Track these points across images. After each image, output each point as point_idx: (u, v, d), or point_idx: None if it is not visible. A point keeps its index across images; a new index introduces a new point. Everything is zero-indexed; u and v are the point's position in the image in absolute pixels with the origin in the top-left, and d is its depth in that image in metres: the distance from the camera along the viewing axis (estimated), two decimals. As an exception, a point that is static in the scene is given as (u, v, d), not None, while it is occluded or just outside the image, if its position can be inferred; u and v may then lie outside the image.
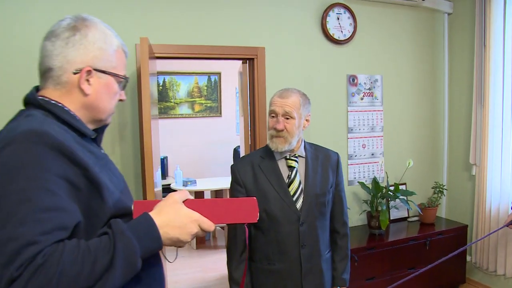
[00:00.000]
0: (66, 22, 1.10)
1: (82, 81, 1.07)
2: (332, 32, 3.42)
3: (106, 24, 1.16)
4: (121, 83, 1.17)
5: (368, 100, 3.64)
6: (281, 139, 1.88)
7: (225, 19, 3.10)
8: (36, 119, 0.99)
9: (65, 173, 0.92)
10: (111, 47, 1.12)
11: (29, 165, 0.88)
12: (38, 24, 2.60)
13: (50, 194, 0.87)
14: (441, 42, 3.91)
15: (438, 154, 3.99)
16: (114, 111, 1.18)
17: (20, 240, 0.81)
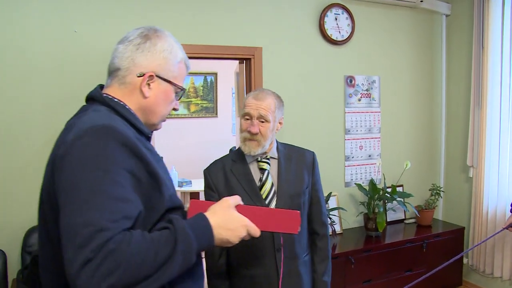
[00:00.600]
0: (140, 31, 1.22)
1: (143, 84, 1.18)
2: (330, 33, 3.39)
3: (175, 38, 1.27)
4: (177, 93, 1.27)
5: (366, 101, 3.62)
6: (255, 143, 1.84)
7: (222, 19, 3.06)
8: (104, 115, 1.09)
9: (130, 166, 1.01)
10: (175, 59, 1.23)
11: (101, 157, 0.98)
12: (34, 23, 2.56)
13: (119, 186, 0.97)
14: (439, 43, 3.89)
15: (436, 156, 3.97)
16: (165, 118, 1.28)
17: (94, 226, 0.90)
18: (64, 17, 2.63)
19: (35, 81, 2.58)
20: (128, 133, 1.05)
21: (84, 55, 2.67)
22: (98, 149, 0.99)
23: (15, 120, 2.55)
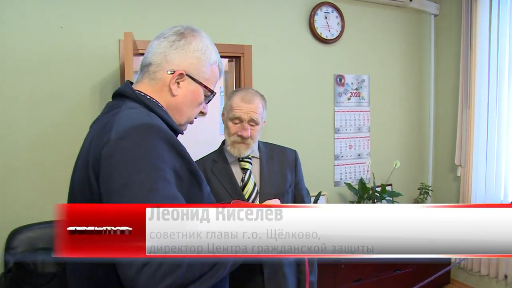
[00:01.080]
0: (177, 29, 1.20)
1: (172, 82, 1.16)
2: (320, 31, 3.38)
3: (211, 40, 1.24)
4: (207, 97, 1.24)
5: (355, 100, 3.61)
6: (245, 146, 1.81)
7: (212, 16, 3.02)
8: (141, 113, 1.09)
9: (174, 164, 1.03)
10: (209, 60, 1.20)
11: (150, 156, 0.99)
12: (18, 19, 2.49)
13: (168, 184, 0.99)
14: (428, 43, 3.90)
15: (424, 155, 3.98)
16: (192, 121, 1.26)
17: None
18: (50, 13, 2.56)
19: (20, 78, 2.52)
20: (169, 131, 1.07)
21: (70, 52, 2.61)
22: (146, 149, 1.00)
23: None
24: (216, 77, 1.25)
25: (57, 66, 2.59)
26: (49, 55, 2.57)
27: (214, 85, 1.26)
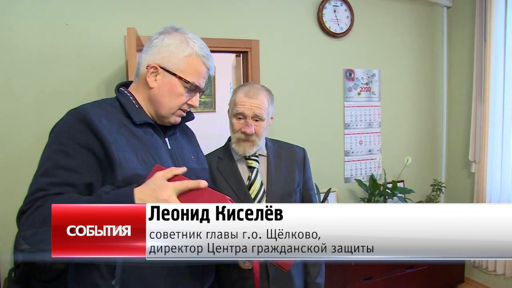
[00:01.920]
0: (160, 30, 1.33)
1: (148, 75, 1.28)
2: (329, 25, 3.31)
3: (197, 37, 1.33)
4: (186, 88, 1.30)
5: (366, 95, 3.55)
6: (250, 143, 1.75)
7: (218, 11, 2.98)
8: (95, 102, 1.28)
9: (86, 142, 1.14)
10: (182, 53, 1.28)
11: (61, 133, 1.16)
12: (24, 16, 2.48)
13: (68, 157, 1.12)
14: (440, 36, 3.81)
15: (437, 151, 3.90)
16: (178, 112, 1.33)
17: (36, 186, 1.11)
18: (56, 10, 2.55)
19: (26, 75, 2.51)
20: (98, 116, 1.18)
21: (76, 48, 2.60)
22: (61, 127, 1.18)
23: (5, 115, 2.47)
24: (195, 68, 1.30)
25: (64, 62, 2.57)
26: (55, 51, 2.56)
27: (195, 77, 1.30)
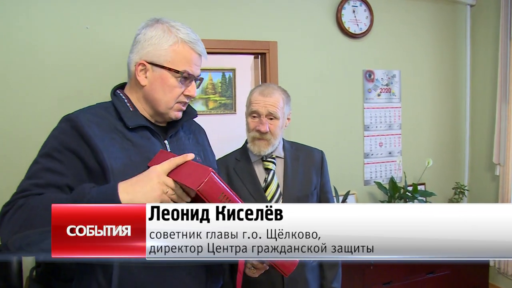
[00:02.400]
0: (142, 24, 1.29)
1: (137, 73, 1.23)
2: (348, 26, 3.28)
3: (179, 23, 1.27)
4: (179, 78, 1.24)
5: (386, 97, 3.49)
6: (265, 142, 1.75)
7: (236, 13, 2.99)
8: (88, 107, 1.26)
9: (76, 149, 1.13)
10: (166, 43, 1.22)
11: (52, 138, 1.17)
12: (45, 21, 2.54)
13: (53, 160, 1.12)
14: (463, 35, 3.71)
15: (460, 153, 3.80)
16: (177, 106, 1.27)
17: (20, 187, 1.12)
18: (76, 14, 2.60)
19: (48, 79, 2.57)
20: (87, 122, 1.16)
21: (96, 52, 2.65)
22: (52, 133, 1.19)
23: (29, 119, 2.54)
24: (184, 56, 1.24)
25: (84, 65, 2.62)
26: (76, 54, 2.61)
27: (185, 64, 1.24)
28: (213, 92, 6.16)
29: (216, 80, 6.16)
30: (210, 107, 6.14)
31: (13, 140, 2.51)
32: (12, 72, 2.50)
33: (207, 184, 1.04)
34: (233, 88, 6.22)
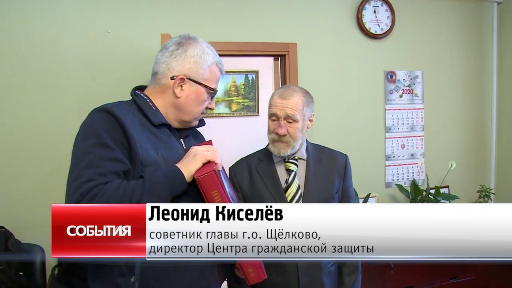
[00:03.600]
0: (176, 39, 1.40)
1: (175, 86, 1.37)
2: (369, 26, 3.24)
3: (208, 44, 1.43)
4: (210, 94, 1.42)
5: (408, 98, 3.43)
6: (284, 144, 1.76)
7: (255, 14, 3.00)
8: (114, 103, 1.33)
9: (120, 137, 1.21)
10: (206, 63, 1.38)
11: (94, 128, 1.22)
12: (67, 26, 2.62)
13: (108, 148, 1.19)
14: (489, 34, 3.60)
15: (485, 155, 3.69)
16: (199, 116, 1.45)
17: (84, 178, 1.14)
18: (98, 19, 2.67)
19: (70, 83, 2.64)
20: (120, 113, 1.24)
21: (117, 56, 2.71)
22: (92, 122, 1.24)
23: (51, 121, 2.62)
24: (216, 75, 1.42)
25: (105, 68, 2.69)
26: (98, 57, 2.68)
27: (216, 83, 1.43)
28: (236, 94, 6.19)
29: (239, 82, 6.18)
30: (233, 109, 6.17)
31: (32, 143, 2.60)
32: (33, 75, 2.58)
33: (206, 177, 1.17)
34: (255, 90, 6.24)
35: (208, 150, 1.28)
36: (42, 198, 2.61)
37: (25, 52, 2.56)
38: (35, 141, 2.60)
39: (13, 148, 2.57)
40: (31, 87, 2.58)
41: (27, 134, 2.58)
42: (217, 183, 1.17)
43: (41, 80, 2.59)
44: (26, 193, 2.61)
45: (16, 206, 2.58)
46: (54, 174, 2.63)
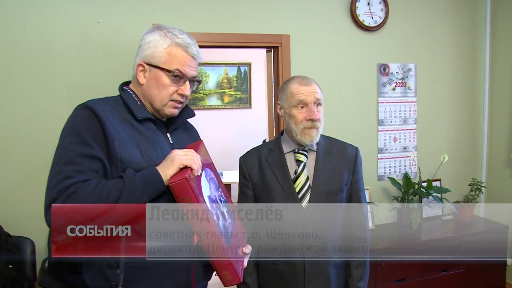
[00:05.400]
0: (145, 30, 1.44)
1: (137, 73, 1.40)
2: (362, 19, 3.22)
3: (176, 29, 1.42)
4: (173, 77, 1.39)
5: (401, 91, 3.43)
6: (315, 130, 1.75)
7: (248, 6, 2.96)
8: (99, 99, 1.37)
9: (99, 134, 1.23)
10: (162, 46, 1.38)
11: (76, 125, 1.24)
12: (57, 15, 2.56)
13: (87, 146, 1.21)
14: (482, 27, 3.61)
15: (477, 149, 3.71)
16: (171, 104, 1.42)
17: (62, 174, 1.16)
18: (88, 9, 2.62)
19: (60, 73, 2.59)
20: (101, 111, 1.26)
21: (108, 46, 2.66)
22: (74, 120, 1.27)
23: (41, 113, 2.57)
24: (175, 57, 1.39)
25: (96, 59, 2.64)
26: (88, 49, 2.63)
27: (178, 65, 1.39)
28: (228, 86, 6.16)
29: (232, 75, 6.15)
30: (225, 102, 6.14)
31: (22, 134, 2.56)
32: (23, 66, 2.53)
33: (177, 184, 1.16)
34: (248, 82, 6.21)
35: (186, 155, 1.27)
36: (32, 191, 2.58)
37: (15, 42, 2.51)
38: (25, 132, 2.55)
39: (2, 140, 2.52)
40: (21, 78, 2.53)
41: (16, 126, 2.54)
42: (189, 190, 1.16)
43: (31, 70, 2.54)
44: (16, 185, 2.57)
45: (6, 198, 2.54)
46: (44, 166, 2.56)
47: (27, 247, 2.52)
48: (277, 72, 3.15)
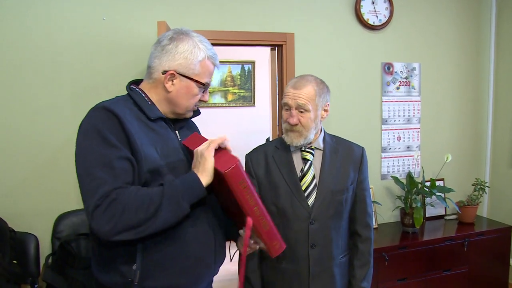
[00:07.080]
0: (169, 34, 1.42)
1: (166, 81, 1.39)
2: (367, 17, 3.22)
3: (203, 38, 1.44)
4: (201, 88, 1.44)
5: (405, 90, 3.42)
6: (296, 134, 1.75)
7: (252, 4, 2.96)
8: (112, 100, 1.35)
9: (122, 136, 1.23)
10: (197, 58, 1.39)
11: (98, 127, 1.22)
12: (62, 12, 2.57)
13: (114, 147, 1.20)
14: (487, 26, 3.59)
15: (481, 148, 3.70)
16: (193, 108, 1.48)
17: (99, 180, 1.16)
18: (93, 6, 2.63)
19: (64, 70, 2.61)
20: (119, 111, 1.25)
21: (112, 43, 2.67)
22: (94, 121, 1.25)
23: (45, 109, 2.59)
24: (208, 70, 1.43)
25: (100, 56, 2.65)
26: (93, 46, 2.64)
27: (208, 77, 1.44)
28: (232, 84, 6.15)
29: (235, 73, 6.15)
30: (229, 100, 6.14)
31: (26, 131, 2.57)
32: (27, 63, 2.54)
33: (232, 170, 1.20)
34: (252, 80, 6.21)
35: (209, 145, 1.30)
36: (36, 187, 2.60)
37: (20, 40, 2.52)
38: (29, 129, 2.57)
39: (7, 136, 2.54)
40: (25, 75, 2.54)
41: (20, 123, 2.55)
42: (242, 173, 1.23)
43: (35, 68, 2.55)
44: (21, 182, 2.58)
45: (11, 195, 2.56)
46: (49, 163, 2.60)
47: (31, 243, 2.54)
48: (281, 70, 3.15)
